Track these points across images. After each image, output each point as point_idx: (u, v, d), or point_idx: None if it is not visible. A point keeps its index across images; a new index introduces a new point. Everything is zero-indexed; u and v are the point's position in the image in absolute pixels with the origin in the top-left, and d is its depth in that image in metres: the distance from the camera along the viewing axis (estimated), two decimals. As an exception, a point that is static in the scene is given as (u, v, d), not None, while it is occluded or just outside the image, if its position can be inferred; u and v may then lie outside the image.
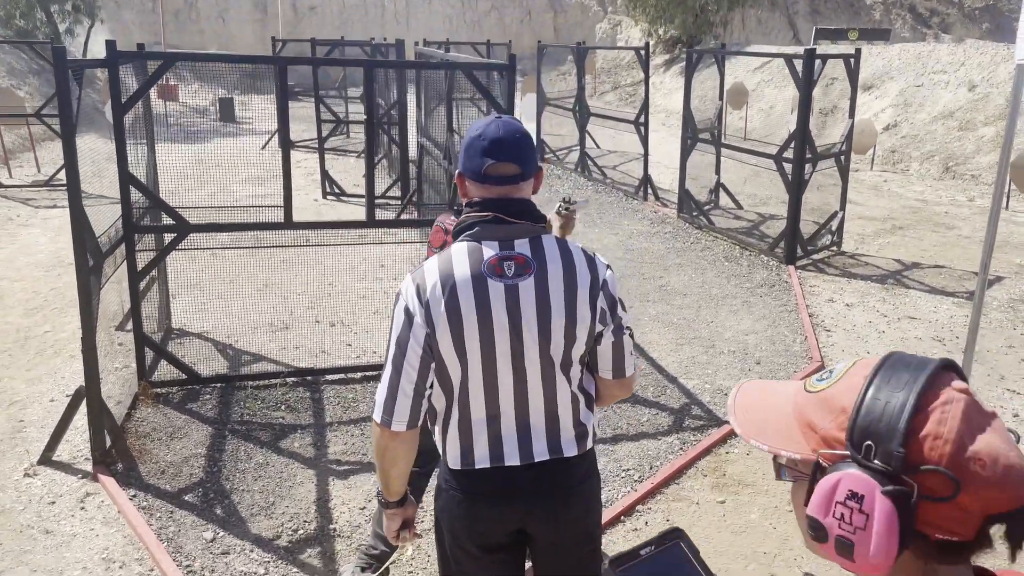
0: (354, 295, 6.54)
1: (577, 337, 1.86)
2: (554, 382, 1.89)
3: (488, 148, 1.82)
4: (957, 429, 0.76)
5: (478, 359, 1.83)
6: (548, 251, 1.85)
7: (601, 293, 1.87)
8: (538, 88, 14.17)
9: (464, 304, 1.79)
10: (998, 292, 7.01)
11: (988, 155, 12.38)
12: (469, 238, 1.84)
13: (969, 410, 0.78)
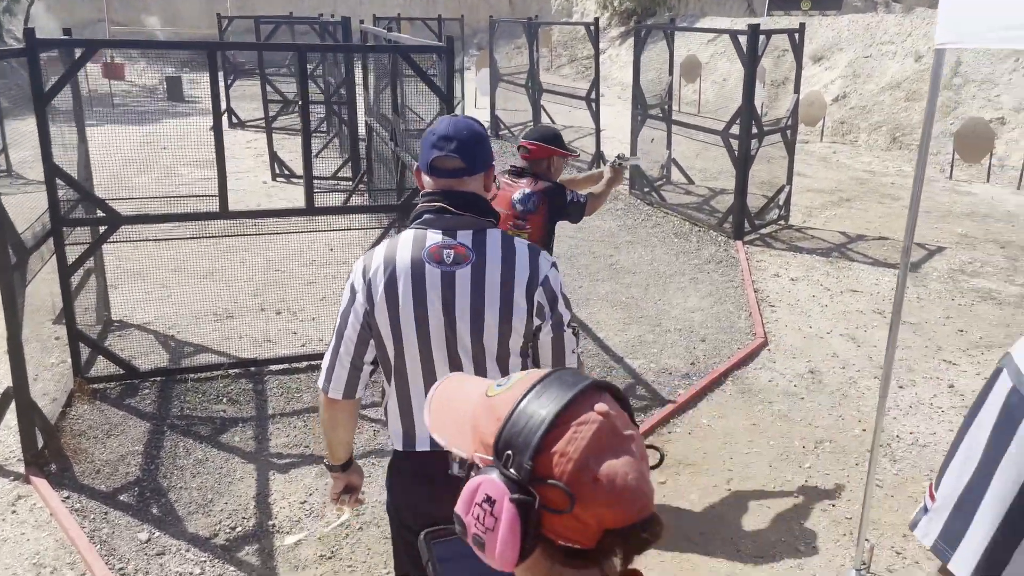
0: (301, 281, 6.46)
1: (513, 328, 1.93)
2: (486, 371, 1.95)
3: (436, 143, 1.92)
4: (583, 449, 0.82)
5: (414, 341, 1.92)
6: (490, 244, 1.93)
7: (540, 288, 1.93)
8: (491, 63, 14.05)
9: (401, 286, 1.89)
10: (939, 263, 7.16)
11: (935, 125, 12.56)
12: (417, 226, 1.94)
13: (601, 432, 0.83)
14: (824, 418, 4.50)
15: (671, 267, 6.93)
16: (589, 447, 0.82)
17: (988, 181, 10.49)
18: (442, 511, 1.78)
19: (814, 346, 5.44)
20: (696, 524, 3.59)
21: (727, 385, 4.89)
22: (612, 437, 0.84)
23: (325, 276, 6.65)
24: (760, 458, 4.10)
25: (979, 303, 6.20)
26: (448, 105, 4.63)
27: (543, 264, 1.96)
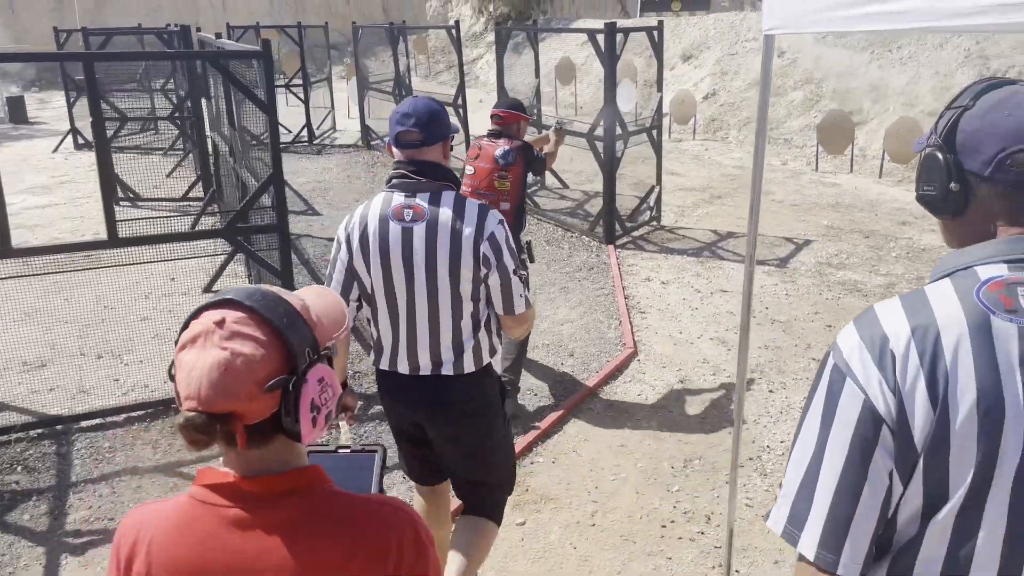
0: (134, 317, 5.81)
1: (461, 276, 2.31)
2: (438, 313, 2.35)
3: (399, 120, 2.32)
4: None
5: (380, 283, 2.34)
6: (444, 204, 2.31)
7: (486, 242, 2.30)
8: (357, 71, 13.51)
9: (371, 238, 2.32)
10: (806, 256, 7.14)
11: (798, 119, 12.86)
12: (387, 189, 2.36)
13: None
14: (694, 432, 4.26)
15: (541, 277, 6.63)
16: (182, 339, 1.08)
17: (851, 172, 10.74)
18: (397, 414, 2.48)
19: (684, 353, 5.23)
20: (559, 567, 3.24)
21: (595, 403, 4.59)
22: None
23: (163, 310, 6.02)
24: (626, 484, 3.79)
25: (845, 296, 6.17)
26: (269, 115, 4.14)
27: (490, 221, 2.33)
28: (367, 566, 1.07)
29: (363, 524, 1.09)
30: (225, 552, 1.05)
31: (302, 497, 1.08)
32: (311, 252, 7.45)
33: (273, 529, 1.05)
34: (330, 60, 15.70)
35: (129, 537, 1.09)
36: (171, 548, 1.06)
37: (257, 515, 1.06)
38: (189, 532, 1.06)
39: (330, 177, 10.93)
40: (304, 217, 8.79)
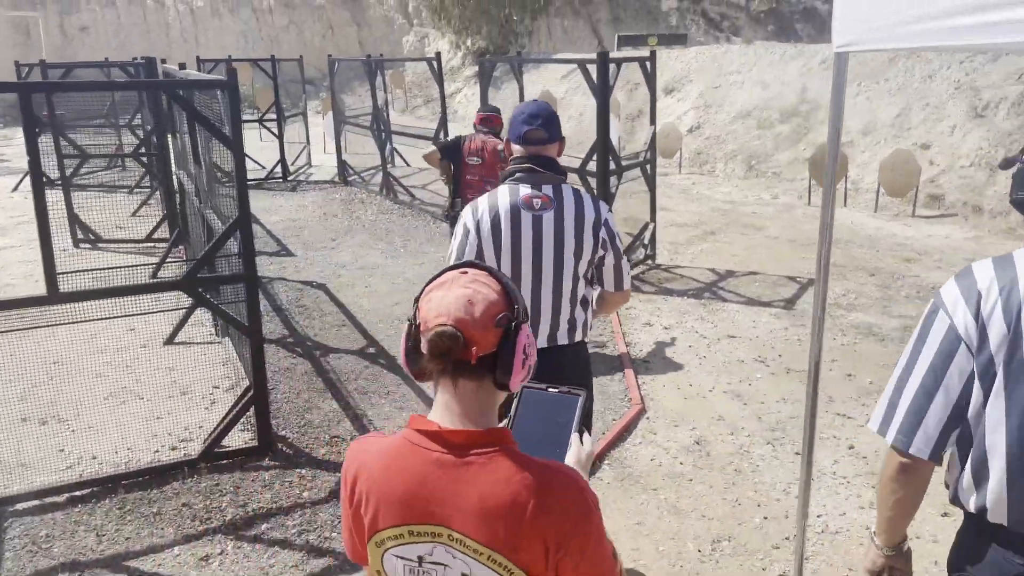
0: (88, 374, 5.25)
1: (583, 257, 2.61)
2: (561, 289, 2.62)
3: (526, 119, 2.61)
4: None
5: (508, 265, 2.60)
6: (566, 194, 2.61)
7: (603, 227, 2.61)
8: (333, 105, 13.08)
9: (503, 225, 2.59)
10: (812, 297, 6.73)
11: (786, 151, 12.60)
12: (511, 182, 2.63)
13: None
14: (719, 506, 3.77)
15: (534, 323, 6.15)
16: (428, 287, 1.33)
17: (845, 205, 10.43)
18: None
19: (697, 409, 4.76)
20: None
21: (604, 471, 4.09)
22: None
23: (118, 365, 5.46)
24: (648, 574, 3.29)
25: (861, 340, 5.75)
26: (235, 151, 3.66)
27: (603, 209, 2.65)
28: (540, 519, 1.21)
29: (540, 482, 1.23)
30: (425, 486, 1.25)
31: (493, 451, 1.25)
32: (285, 297, 6.93)
33: (466, 474, 1.24)
34: (305, 94, 15.27)
35: (353, 463, 1.34)
36: (383, 476, 1.28)
37: (456, 458, 1.25)
38: (399, 465, 1.27)
39: (305, 215, 10.42)
40: (277, 259, 8.27)
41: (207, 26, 27.13)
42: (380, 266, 7.90)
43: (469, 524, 1.23)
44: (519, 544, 1.21)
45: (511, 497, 1.21)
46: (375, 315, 6.43)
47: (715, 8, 36.65)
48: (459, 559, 1.25)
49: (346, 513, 1.36)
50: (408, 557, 1.28)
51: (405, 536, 1.27)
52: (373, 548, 1.31)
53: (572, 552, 1.23)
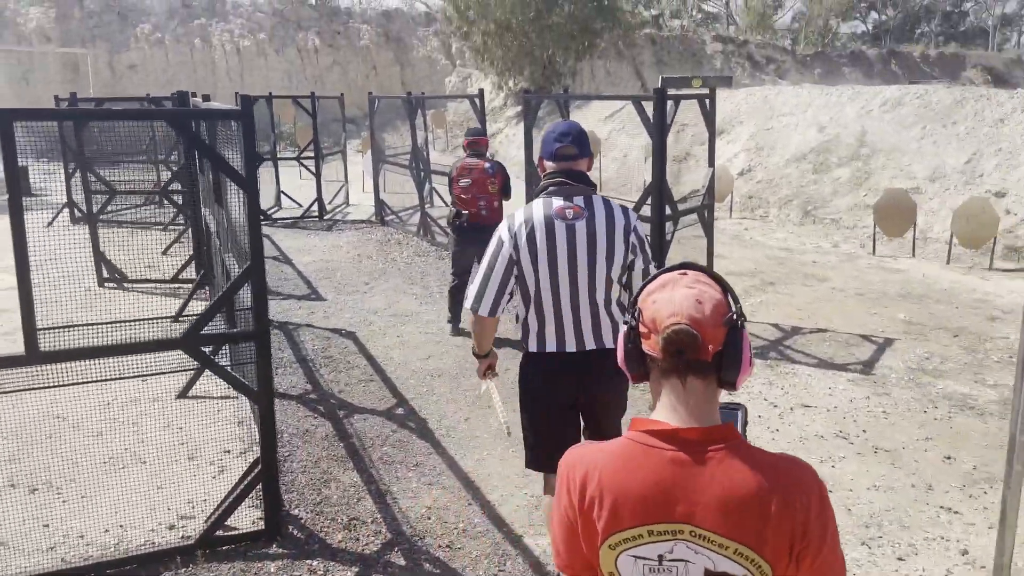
0: (86, 433, 4.76)
1: (615, 262, 2.85)
2: (596, 294, 2.85)
3: (558, 137, 2.84)
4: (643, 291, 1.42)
5: (546, 274, 2.81)
6: (596, 204, 2.85)
7: (632, 233, 2.87)
8: (373, 143, 12.76)
9: (539, 236, 2.79)
10: (891, 360, 6.04)
11: (846, 197, 11.91)
12: (545, 195, 2.85)
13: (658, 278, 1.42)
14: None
15: (580, 383, 5.55)
16: (648, 290, 1.38)
17: (914, 255, 9.70)
18: (558, 389, 2.86)
19: (773, 495, 4.09)
20: None
21: None
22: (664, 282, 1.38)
23: (125, 421, 4.97)
24: None
25: (957, 414, 5.04)
26: (247, 190, 3.17)
27: (632, 217, 2.91)
28: (781, 512, 1.24)
29: (780, 475, 1.27)
30: (663, 485, 1.29)
31: (727, 446, 1.29)
32: (311, 347, 6.42)
33: (705, 470, 1.28)
34: (345, 132, 15.01)
35: (579, 470, 1.36)
36: (618, 476, 1.31)
37: (692, 456, 1.29)
38: (633, 466, 1.31)
39: (339, 256, 9.99)
40: (307, 303, 7.79)
41: (253, 65, 27.37)
42: (414, 314, 7.38)
43: (713, 520, 1.26)
44: (766, 537, 1.25)
45: (756, 491, 1.25)
46: (406, 370, 5.88)
47: (760, 51, 36.20)
48: (702, 554, 1.28)
49: (567, 520, 1.39)
50: (647, 557, 1.31)
51: (644, 536, 1.30)
52: (606, 551, 1.33)
53: (813, 543, 1.26)
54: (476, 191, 6.48)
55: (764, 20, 43.09)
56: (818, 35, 41.50)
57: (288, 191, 13.83)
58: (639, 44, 32.21)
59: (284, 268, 9.32)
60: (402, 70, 29.56)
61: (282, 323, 7.07)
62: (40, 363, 3.02)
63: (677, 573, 1.29)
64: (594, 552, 1.34)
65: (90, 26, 25.54)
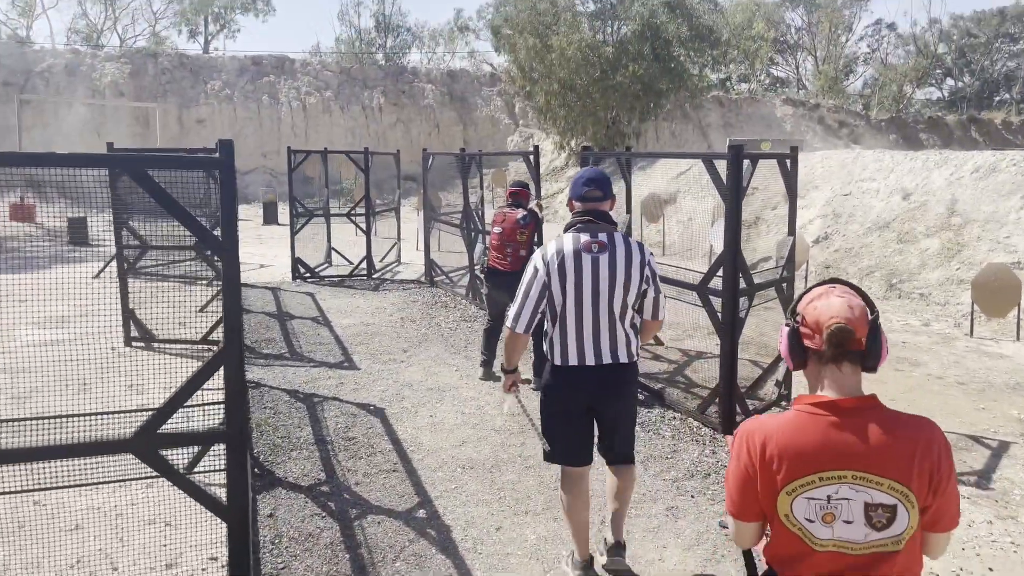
0: (62, 525, 4.13)
1: (632, 291, 3.37)
2: (615, 317, 3.38)
3: (585, 182, 3.41)
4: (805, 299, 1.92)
5: (572, 299, 3.34)
6: (617, 240, 3.37)
7: (647, 266, 3.41)
8: (424, 201, 12.29)
9: (568, 265, 3.32)
10: (1012, 470, 5.04)
11: (935, 270, 10.85)
12: (574, 231, 3.38)
13: (817, 290, 1.93)
14: None
15: (641, 486, 4.70)
16: (806, 299, 1.90)
17: (1019, 339, 8.60)
18: (578, 396, 3.45)
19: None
20: None
21: None
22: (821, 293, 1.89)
23: (109, 510, 4.32)
24: None
25: (1111, 552, 4.02)
26: (221, 252, 2.53)
27: (646, 252, 3.44)
28: (923, 455, 1.76)
29: (918, 429, 1.79)
30: (828, 440, 1.77)
31: (875, 410, 1.82)
32: (332, 425, 5.73)
33: (862, 428, 1.78)
34: (400, 189, 14.63)
35: (758, 436, 1.82)
36: (792, 438, 1.78)
37: (849, 420, 1.79)
38: (803, 429, 1.78)
39: (380, 320, 9.39)
40: (337, 372, 7.15)
41: (318, 122, 27.64)
42: (452, 389, 6.65)
43: (871, 464, 1.75)
44: (912, 474, 1.75)
45: (903, 440, 1.76)
46: (435, 458, 5.13)
47: (833, 115, 35.17)
48: (862, 492, 1.76)
49: (747, 477, 1.84)
50: (818, 497, 1.78)
51: (816, 482, 1.77)
52: (783, 497, 1.80)
53: (944, 478, 1.78)
54: (505, 238, 6.76)
55: (835, 85, 42.19)
56: (892, 101, 40.34)
57: (340, 248, 13.43)
58: (706, 106, 31.60)
59: (321, 331, 8.74)
60: (464, 129, 29.50)
61: (307, 395, 6.42)
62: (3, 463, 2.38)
63: (842, 509, 1.77)
64: (770, 498, 1.81)
65: (162, 82, 26.21)
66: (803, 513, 1.78)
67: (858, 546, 1.76)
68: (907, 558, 1.77)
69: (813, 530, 1.77)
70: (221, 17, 36.06)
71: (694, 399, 6.27)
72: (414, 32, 36.29)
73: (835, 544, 1.77)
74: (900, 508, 1.75)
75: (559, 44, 22.19)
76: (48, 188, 20.02)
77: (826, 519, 1.77)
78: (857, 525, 1.76)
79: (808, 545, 1.78)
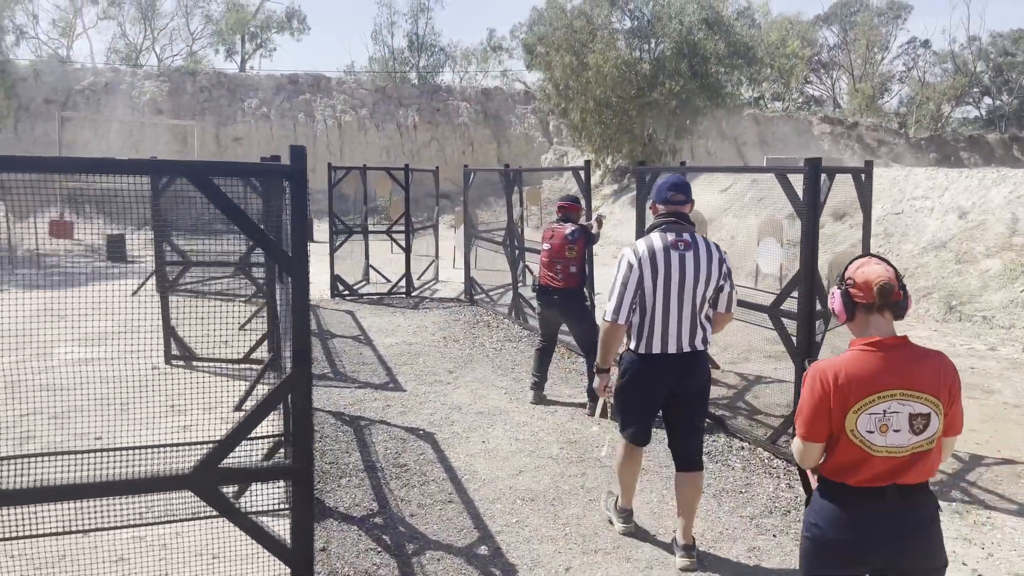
0: (104, 556, 3.89)
1: (711, 285, 3.76)
2: (696, 310, 3.75)
3: (669, 187, 3.80)
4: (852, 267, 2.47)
5: (661, 292, 3.70)
6: (698, 240, 3.77)
7: (724, 263, 3.80)
8: (465, 218, 12.07)
9: (659, 260, 3.69)
10: (1120, 510, 4.63)
11: (998, 292, 10.38)
12: (660, 230, 3.76)
13: (860, 258, 2.53)
14: None
15: (708, 520, 4.37)
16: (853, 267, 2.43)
17: (1098, 366, 8.12)
18: (661, 381, 3.83)
19: None
20: None
21: None
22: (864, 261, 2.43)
23: (154, 542, 4.08)
24: None
25: None
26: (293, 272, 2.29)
27: (721, 251, 3.83)
28: (944, 375, 2.35)
29: (939, 357, 2.38)
30: (881, 368, 2.33)
31: (908, 346, 2.38)
32: (382, 450, 5.47)
33: (903, 358, 2.35)
34: (438, 206, 14.45)
35: (829, 371, 2.35)
36: (856, 369, 2.34)
37: (892, 354, 2.35)
38: (862, 363, 2.34)
39: (423, 339, 9.14)
40: (383, 393, 6.90)
41: (353, 140, 27.69)
42: (502, 412, 6.37)
43: (912, 383, 2.33)
44: (939, 389, 2.34)
45: (932, 365, 2.36)
46: (492, 489, 4.84)
47: (871, 134, 34.58)
48: (907, 404, 2.33)
49: (823, 403, 2.36)
50: (876, 412, 2.33)
51: (875, 400, 2.32)
52: (851, 416, 2.34)
53: (955, 395, 2.39)
54: (554, 255, 6.50)
55: (872, 103, 41.53)
56: (930, 120, 39.60)
57: (378, 265, 13.26)
58: (742, 124, 31.21)
59: (364, 351, 8.52)
60: (498, 147, 29.39)
61: (353, 418, 6.17)
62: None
63: (893, 419, 2.33)
64: (841, 417, 2.35)
65: (200, 100, 26.43)
66: (865, 426, 2.31)
67: (903, 449, 2.32)
68: (935, 455, 2.36)
69: (872, 439, 2.31)
70: (257, 36, 36.42)
71: (761, 427, 5.93)
72: (447, 52, 36.37)
73: (887, 450, 2.31)
74: (932, 415, 2.31)
75: (595, 61, 21.99)
76: (86, 205, 20.16)
77: (882, 430, 2.30)
78: (903, 432, 2.31)
79: (868, 452, 2.31)
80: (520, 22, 36.07)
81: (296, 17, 37.19)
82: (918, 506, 2.36)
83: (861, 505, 2.35)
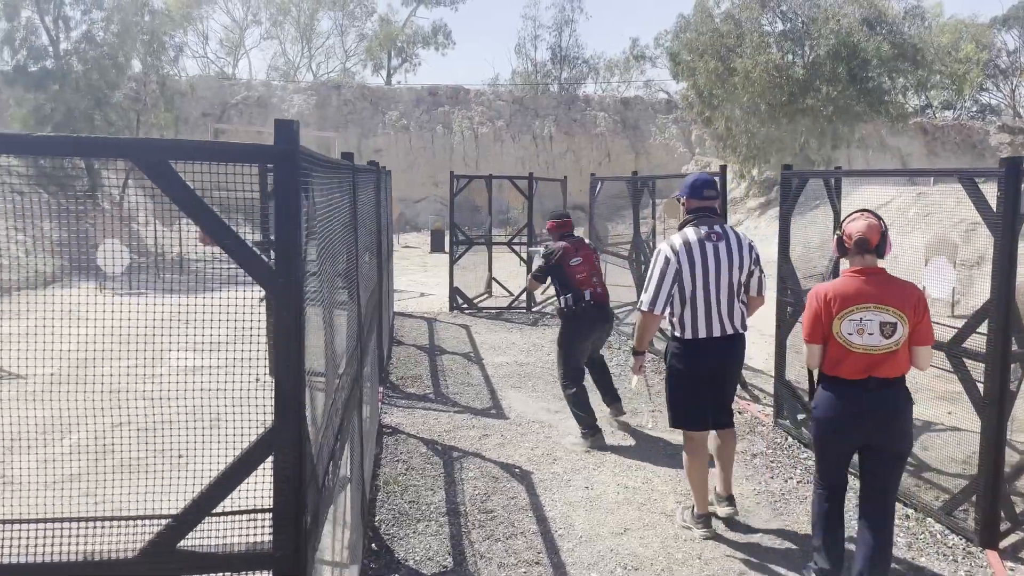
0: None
1: (744, 271, 4.15)
2: (733, 295, 4.13)
3: (702, 184, 4.19)
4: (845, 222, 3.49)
5: (700, 280, 4.05)
6: (728, 231, 4.17)
7: (753, 250, 4.21)
8: (591, 229, 11.30)
9: (696, 252, 4.05)
10: None
11: None
12: (693, 225, 4.14)
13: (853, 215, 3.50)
14: None
15: (865, 620, 3.39)
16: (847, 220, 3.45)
17: None
18: (709, 363, 4.19)
19: None
20: None
21: None
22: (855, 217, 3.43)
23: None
24: None
25: None
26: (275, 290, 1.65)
27: (751, 240, 4.26)
28: (911, 294, 3.26)
29: (907, 283, 3.29)
30: (861, 288, 3.28)
31: (882, 274, 3.29)
32: (469, 490, 4.80)
33: (876, 283, 3.28)
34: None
35: (823, 290, 3.33)
36: (843, 288, 3.30)
37: (870, 279, 3.28)
38: (847, 284, 3.30)
39: (535, 359, 8.45)
40: (483, 420, 6.26)
41: (489, 150, 27.55)
42: (613, 450, 5.56)
43: (883, 299, 3.21)
44: (906, 305, 3.21)
45: (901, 287, 3.24)
46: (589, 551, 4.05)
47: (1061, 142, 30.84)
48: (879, 315, 3.22)
49: (819, 313, 3.33)
50: (855, 319, 3.24)
51: (854, 311, 3.24)
52: (836, 321, 3.27)
53: (921, 312, 3.23)
54: (590, 268, 6.07)
55: (1060, 110, 37.19)
56: None
57: (504, 278, 12.74)
58: (907, 133, 28.64)
59: (471, 370, 7.93)
60: (637, 158, 28.40)
61: (446, 448, 5.56)
62: None
63: (868, 325, 3.23)
64: (829, 322, 3.29)
65: (344, 112, 27.11)
66: (847, 329, 3.28)
67: (876, 349, 3.26)
68: (902, 356, 3.29)
69: (852, 339, 3.27)
70: (404, 51, 37.27)
71: (931, 488, 4.81)
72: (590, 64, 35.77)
73: (863, 348, 3.26)
74: (898, 324, 3.24)
75: (743, 67, 20.66)
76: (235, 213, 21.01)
77: (859, 332, 3.25)
78: (876, 336, 3.25)
79: (849, 349, 3.29)
80: (665, 30, 34.93)
81: (441, 32, 37.81)
82: (894, 396, 3.29)
83: (849, 392, 3.32)
